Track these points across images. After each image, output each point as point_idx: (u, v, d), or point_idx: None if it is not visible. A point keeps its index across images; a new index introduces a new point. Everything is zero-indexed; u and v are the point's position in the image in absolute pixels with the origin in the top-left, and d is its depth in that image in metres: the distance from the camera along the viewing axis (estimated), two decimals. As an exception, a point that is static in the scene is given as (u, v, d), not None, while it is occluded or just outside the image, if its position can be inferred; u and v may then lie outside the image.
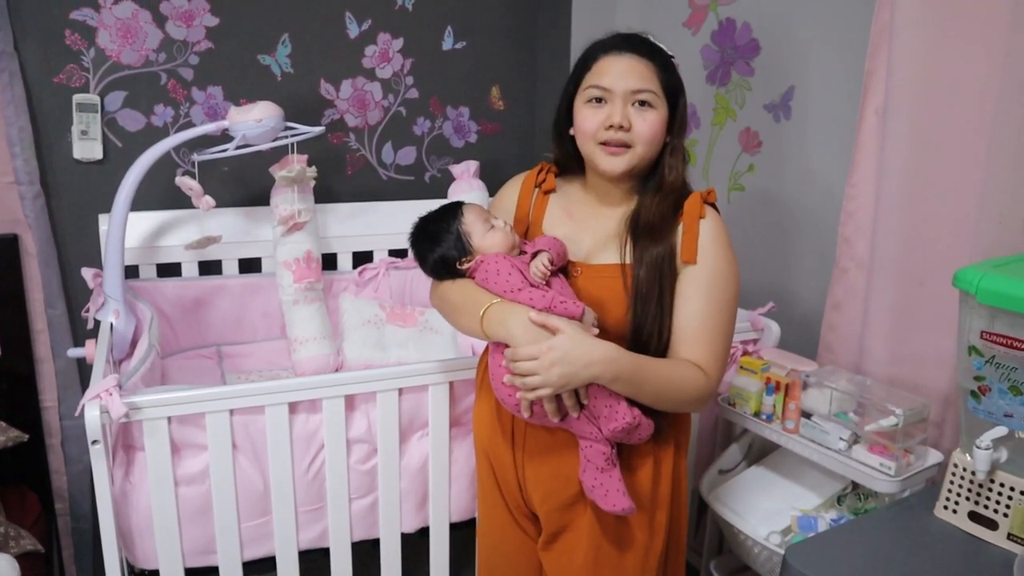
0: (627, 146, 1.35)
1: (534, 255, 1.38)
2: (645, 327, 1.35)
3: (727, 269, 1.37)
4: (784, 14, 2.07)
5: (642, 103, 1.34)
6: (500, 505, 1.56)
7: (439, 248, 1.43)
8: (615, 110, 1.34)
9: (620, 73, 1.34)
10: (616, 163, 1.36)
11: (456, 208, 1.45)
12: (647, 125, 1.34)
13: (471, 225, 1.41)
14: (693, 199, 1.38)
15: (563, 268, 1.42)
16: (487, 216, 1.44)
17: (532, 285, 1.34)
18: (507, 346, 1.31)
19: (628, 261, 1.37)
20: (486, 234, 1.41)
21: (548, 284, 1.36)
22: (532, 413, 1.34)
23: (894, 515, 1.46)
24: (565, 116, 1.44)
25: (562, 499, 1.45)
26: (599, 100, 1.36)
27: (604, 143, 1.36)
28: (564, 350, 1.24)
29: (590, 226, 1.45)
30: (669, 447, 1.45)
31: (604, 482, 1.34)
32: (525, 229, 1.51)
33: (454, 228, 1.42)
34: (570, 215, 1.48)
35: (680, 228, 1.37)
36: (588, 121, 1.37)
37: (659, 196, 1.39)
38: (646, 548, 1.45)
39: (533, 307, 1.30)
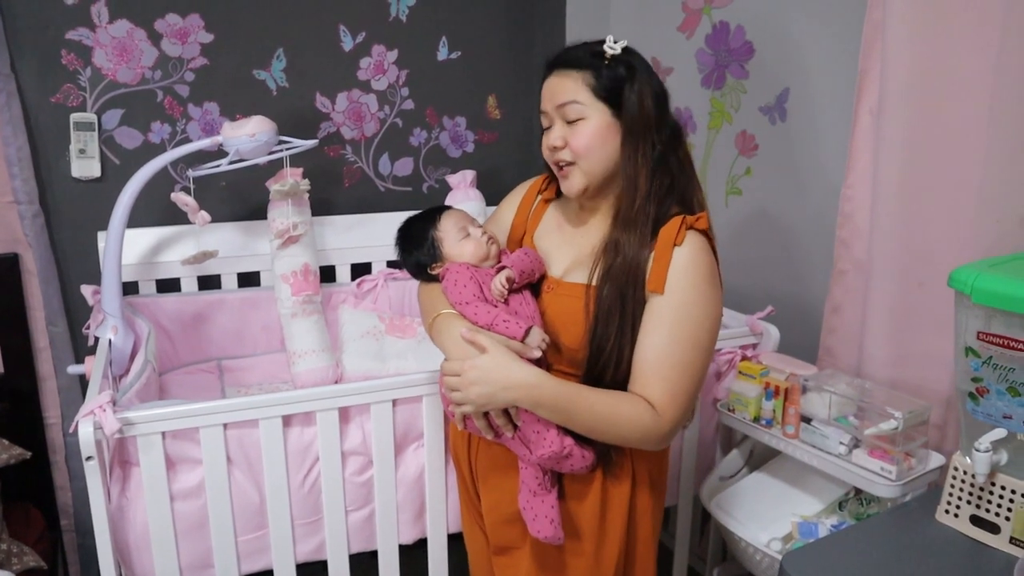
0: (572, 164, 1.32)
1: (499, 271, 1.37)
2: (603, 352, 1.29)
3: (698, 303, 1.27)
4: (777, 16, 2.06)
5: (571, 121, 1.30)
6: (468, 511, 1.59)
7: (415, 252, 1.47)
8: (552, 131, 1.33)
9: (548, 94, 1.33)
10: (568, 185, 1.34)
11: (435, 213, 1.47)
12: (577, 137, 1.30)
13: (445, 232, 1.44)
14: (671, 225, 1.28)
15: (536, 282, 1.42)
16: (465, 224, 1.44)
17: (487, 300, 1.34)
18: None
19: (595, 283, 1.32)
20: (458, 242, 1.42)
21: (506, 301, 1.35)
22: (464, 425, 1.36)
23: (895, 520, 1.43)
24: None
25: (505, 514, 1.44)
26: (549, 126, 1.35)
27: (556, 165, 1.35)
28: (484, 370, 1.24)
29: (575, 241, 1.42)
30: (623, 480, 1.40)
31: (535, 506, 1.34)
32: (520, 236, 1.51)
33: (429, 233, 1.45)
34: (560, 227, 1.46)
35: (652, 256, 1.28)
36: (543, 146, 1.37)
37: (624, 215, 1.31)
38: None
39: (476, 323, 1.31)
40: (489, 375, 1.24)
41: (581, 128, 1.30)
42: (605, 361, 1.30)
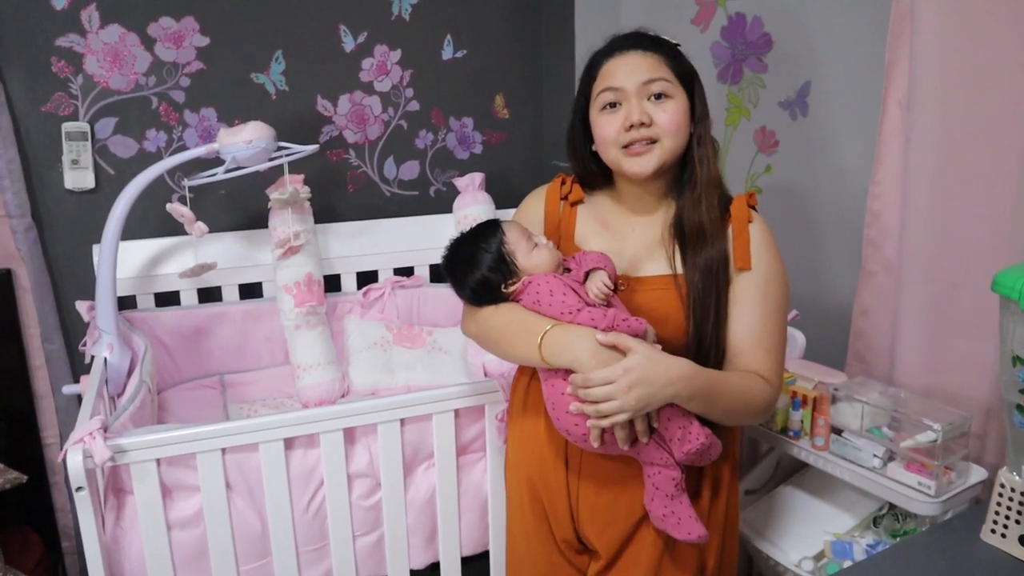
0: (653, 142, 1.29)
1: (587, 273, 1.29)
2: (706, 337, 1.30)
3: (779, 274, 1.34)
4: (797, 5, 1.97)
5: (658, 96, 1.29)
6: (546, 538, 1.46)
7: (479, 270, 1.32)
8: (632, 108, 1.28)
9: (629, 70, 1.29)
10: (644, 163, 1.30)
11: (494, 227, 1.35)
12: (668, 115, 1.28)
13: (515, 244, 1.32)
14: (739, 202, 1.34)
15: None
16: (529, 234, 1.35)
17: (588, 304, 1.26)
18: (568, 372, 1.22)
19: (679, 270, 1.32)
20: (531, 253, 1.32)
21: (608, 303, 1.27)
22: (603, 442, 1.24)
23: (937, 539, 1.36)
24: (581, 132, 1.39)
25: (623, 527, 1.37)
26: (613, 105, 1.31)
27: (627, 146, 1.30)
28: (642, 371, 1.17)
29: (628, 236, 1.38)
30: (726, 466, 1.40)
31: (676, 510, 1.26)
32: (556, 244, 1.42)
33: (495, 248, 1.32)
34: (604, 225, 1.41)
35: (730, 233, 1.32)
36: (606, 128, 1.31)
37: (698, 194, 1.32)
38: (699, 573, 1.38)
39: (595, 328, 1.22)
40: (648, 375, 1.17)
41: (669, 105, 1.29)
42: (709, 344, 1.30)
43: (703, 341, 1.30)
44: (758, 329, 1.30)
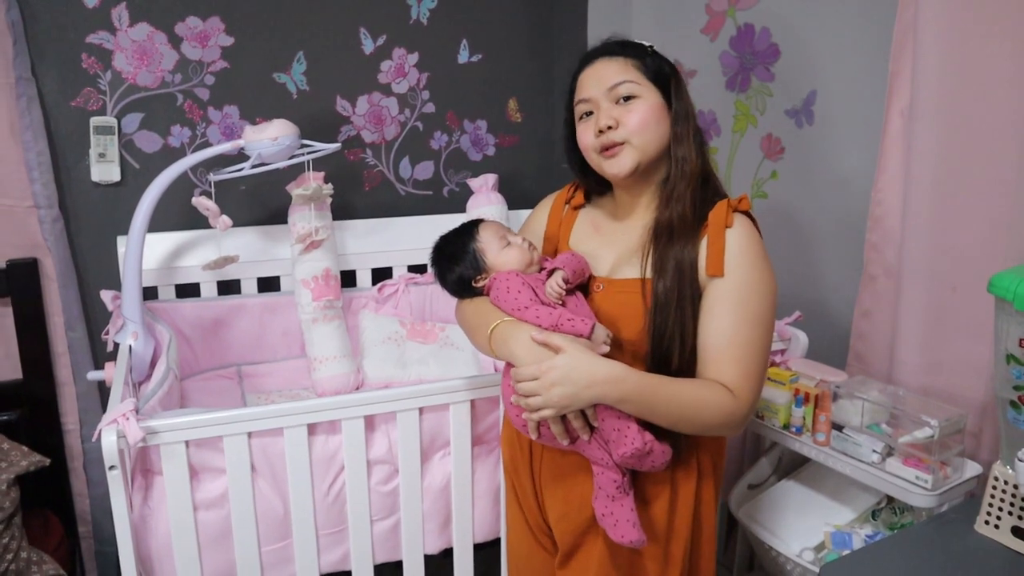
0: (622, 143, 1.31)
1: (550, 273, 1.35)
2: (664, 338, 1.28)
3: (759, 282, 1.28)
4: (804, 17, 2.03)
5: (627, 98, 1.31)
6: (523, 523, 1.54)
7: (456, 267, 1.43)
8: (600, 114, 1.32)
9: (596, 78, 1.33)
10: (620, 163, 1.32)
11: (471, 226, 1.45)
12: (633, 115, 1.30)
13: (486, 243, 1.41)
14: (719, 208, 1.30)
15: (584, 284, 1.39)
16: (504, 233, 1.43)
17: (544, 303, 1.31)
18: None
19: (649, 275, 1.31)
20: (501, 251, 1.40)
21: (563, 302, 1.32)
22: (540, 435, 1.31)
23: (933, 531, 1.41)
24: (571, 145, 1.44)
25: (576, 521, 1.41)
26: (589, 114, 1.35)
27: (603, 150, 1.33)
28: (565, 370, 1.21)
29: (615, 240, 1.41)
30: (690, 474, 1.38)
31: (615, 511, 1.29)
32: (555, 247, 1.50)
33: (470, 246, 1.41)
34: (597, 229, 1.46)
35: (705, 240, 1.29)
36: (583, 137, 1.36)
37: (669, 192, 1.33)
38: None
39: (539, 325, 1.28)
40: (571, 374, 1.20)
41: (636, 105, 1.31)
42: (667, 349, 1.28)
43: (661, 342, 1.28)
44: (727, 338, 1.26)
